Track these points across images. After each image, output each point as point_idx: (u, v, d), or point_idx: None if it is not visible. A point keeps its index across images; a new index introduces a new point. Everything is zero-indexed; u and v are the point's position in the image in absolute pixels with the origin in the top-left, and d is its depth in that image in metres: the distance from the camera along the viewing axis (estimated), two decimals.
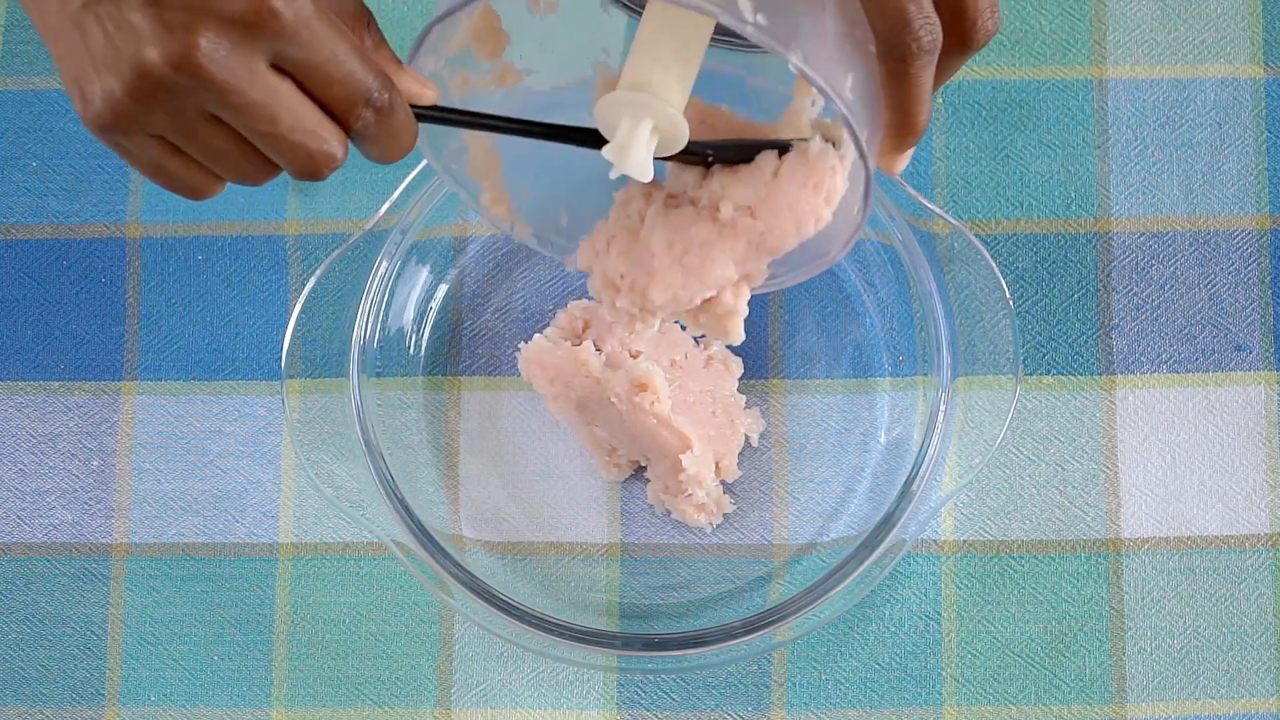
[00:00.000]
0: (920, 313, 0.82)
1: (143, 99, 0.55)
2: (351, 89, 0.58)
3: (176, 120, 0.57)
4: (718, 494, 0.82)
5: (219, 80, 0.55)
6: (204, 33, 0.54)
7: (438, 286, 0.87)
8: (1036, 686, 0.83)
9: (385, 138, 0.61)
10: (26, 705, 0.84)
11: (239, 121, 0.57)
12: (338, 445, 0.81)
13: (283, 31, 0.55)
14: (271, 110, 0.57)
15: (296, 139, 0.58)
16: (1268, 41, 0.88)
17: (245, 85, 0.55)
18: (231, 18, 0.54)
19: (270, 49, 0.55)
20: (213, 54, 0.54)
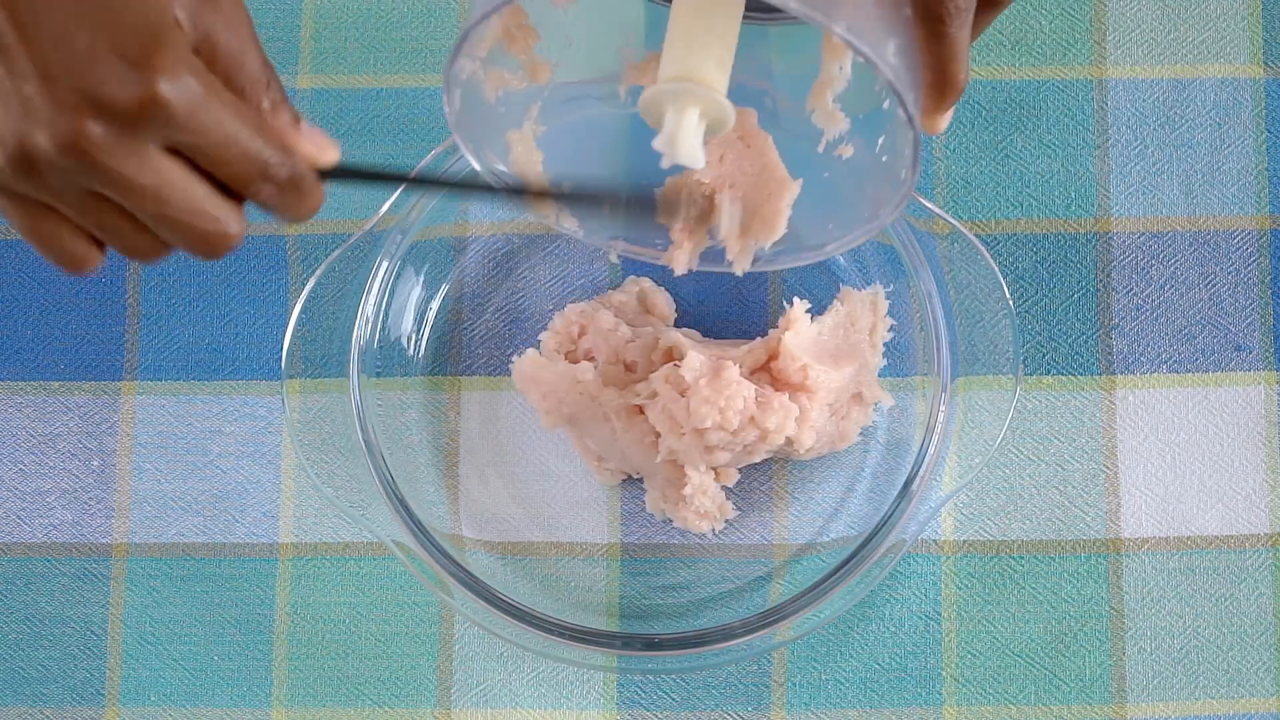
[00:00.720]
0: (920, 313, 0.82)
1: (26, 172, 0.55)
2: (247, 166, 0.58)
3: (62, 195, 0.56)
4: (720, 499, 0.82)
5: (106, 166, 0.54)
6: (92, 118, 0.53)
7: (438, 287, 0.87)
8: (1036, 686, 0.83)
9: (290, 204, 0.61)
10: (26, 705, 0.84)
11: (128, 202, 0.57)
12: (338, 445, 0.81)
13: (171, 119, 0.55)
14: (161, 193, 0.56)
15: (187, 220, 0.57)
16: (1268, 41, 0.88)
17: (134, 171, 0.55)
18: (119, 105, 0.54)
19: (160, 135, 0.55)
20: (100, 140, 0.54)
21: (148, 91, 0.54)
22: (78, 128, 0.54)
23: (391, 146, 0.88)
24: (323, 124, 0.89)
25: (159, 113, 0.54)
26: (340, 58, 0.89)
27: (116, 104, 0.54)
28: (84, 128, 0.54)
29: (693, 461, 0.81)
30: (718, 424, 0.78)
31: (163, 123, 0.55)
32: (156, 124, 0.55)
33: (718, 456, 0.81)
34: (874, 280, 0.84)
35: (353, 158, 0.88)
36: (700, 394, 0.78)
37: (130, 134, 0.54)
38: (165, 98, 0.54)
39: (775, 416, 0.79)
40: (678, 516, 0.83)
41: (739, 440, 0.80)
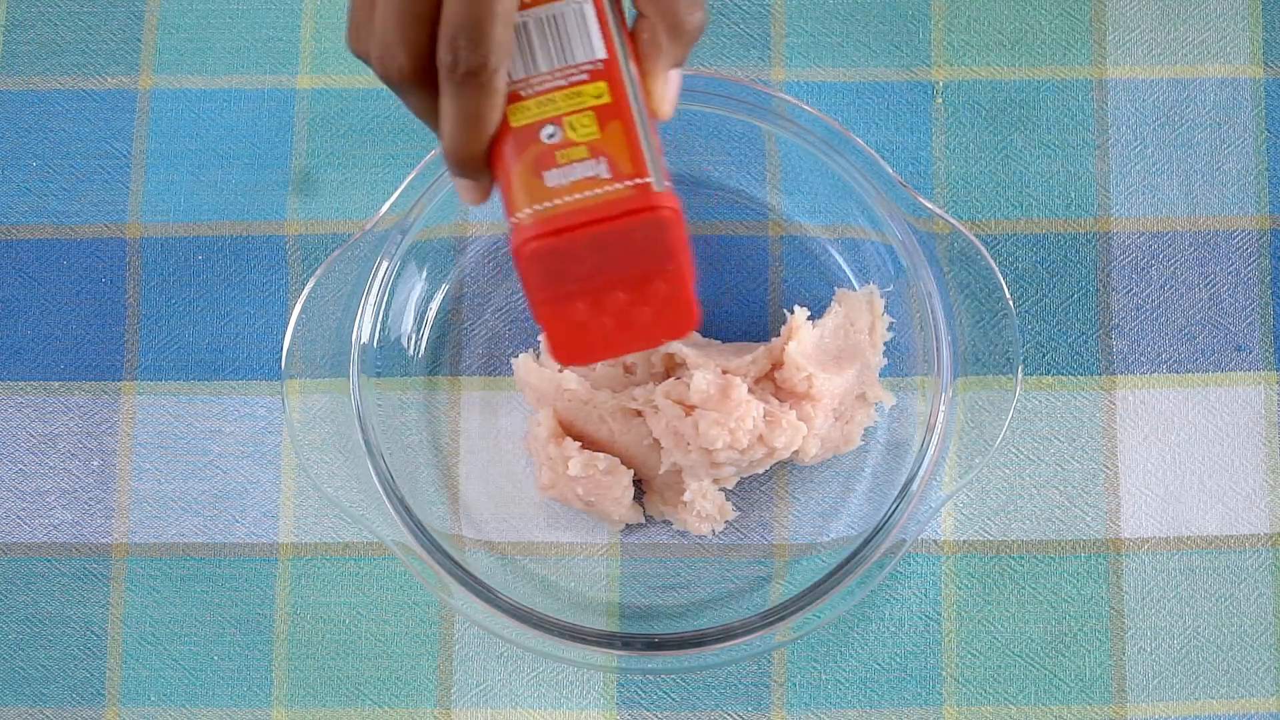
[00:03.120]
0: (920, 313, 0.82)
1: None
2: (464, 10, 0.57)
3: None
4: (720, 501, 0.82)
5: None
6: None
7: (438, 287, 0.87)
8: (1036, 686, 0.83)
9: (455, 104, 0.60)
10: (26, 705, 0.84)
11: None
12: (338, 445, 0.81)
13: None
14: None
15: (379, 27, 0.59)
16: (1268, 41, 0.88)
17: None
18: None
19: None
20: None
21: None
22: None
23: (391, 146, 0.88)
24: (322, 124, 0.89)
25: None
26: (340, 58, 0.89)
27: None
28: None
29: (698, 476, 0.81)
30: (727, 444, 0.78)
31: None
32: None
33: (724, 471, 0.81)
34: (872, 280, 0.84)
35: (353, 157, 0.89)
36: (709, 416, 0.78)
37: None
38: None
39: (784, 435, 0.79)
40: (678, 518, 0.83)
41: (746, 457, 0.80)
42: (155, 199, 0.88)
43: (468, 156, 0.61)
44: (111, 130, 0.89)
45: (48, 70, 0.90)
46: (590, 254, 0.61)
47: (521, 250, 0.61)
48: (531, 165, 0.61)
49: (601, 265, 0.62)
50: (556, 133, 0.61)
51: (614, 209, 0.60)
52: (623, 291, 0.63)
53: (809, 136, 0.82)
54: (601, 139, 0.61)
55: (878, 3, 0.89)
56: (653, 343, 0.65)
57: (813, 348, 0.81)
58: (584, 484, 0.80)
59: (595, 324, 0.64)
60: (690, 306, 0.64)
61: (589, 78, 0.62)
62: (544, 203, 0.60)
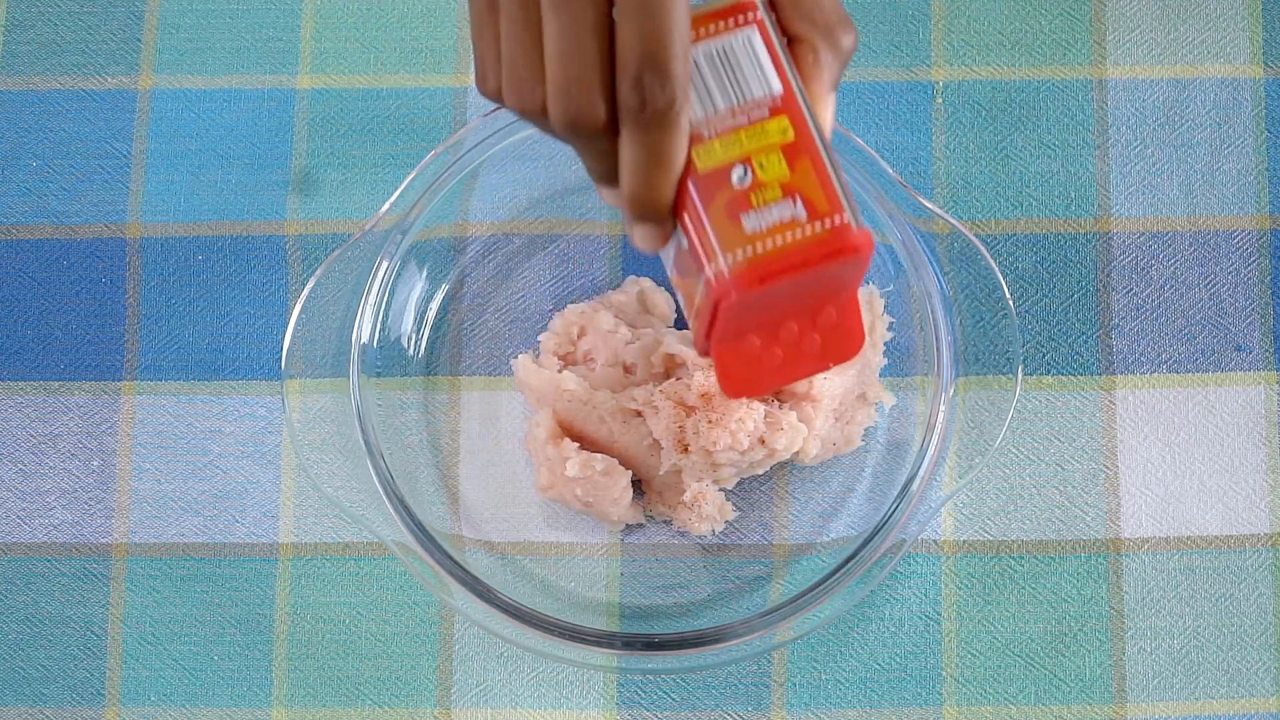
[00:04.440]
0: (920, 313, 0.82)
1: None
2: (644, 47, 0.55)
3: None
4: (720, 501, 0.82)
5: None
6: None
7: (438, 287, 0.87)
8: (1036, 686, 0.83)
9: (640, 147, 0.57)
10: (26, 705, 0.84)
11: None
12: (338, 445, 0.81)
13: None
14: (567, 22, 0.55)
15: (556, 65, 0.56)
16: (1268, 41, 0.88)
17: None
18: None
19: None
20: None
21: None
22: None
23: (391, 146, 0.88)
24: (322, 124, 0.89)
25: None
26: (340, 58, 0.89)
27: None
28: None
29: (698, 476, 0.81)
30: (728, 445, 0.79)
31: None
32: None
33: (724, 472, 0.81)
34: (872, 281, 0.84)
35: (353, 157, 0.89)
36: (710, 416, 0.78)
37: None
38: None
39: (784, 436, 0.79)
40: (677, 518, 0.83)
41: (746, 458, 0.80)
42: (155, 199, 0.88)
43: (655, 199, 0.59)
44: (111, 130, 0.89)
45: (48, 70, 0.90)
46: (789, 293, 0.60)
47: (722, 302, 0.59)
48: (726, 210, 0.59)
49: (792, 301, 0.61)
50: (747, 174, 0.60)
51: (817, 252, 0.59)
52: (795, 321, 0.63)
53: None
54: (794, 178, 0.59)
55: (878, 3, 0.89)
56: (819, 368, 0.65)
57: None
58: (582, 485, 0.80)
59: (766, 355, 0.63)
60: (859, 329, 0.64)
61: (769, 114, 0.60)
62: (745, 249, 0.59)
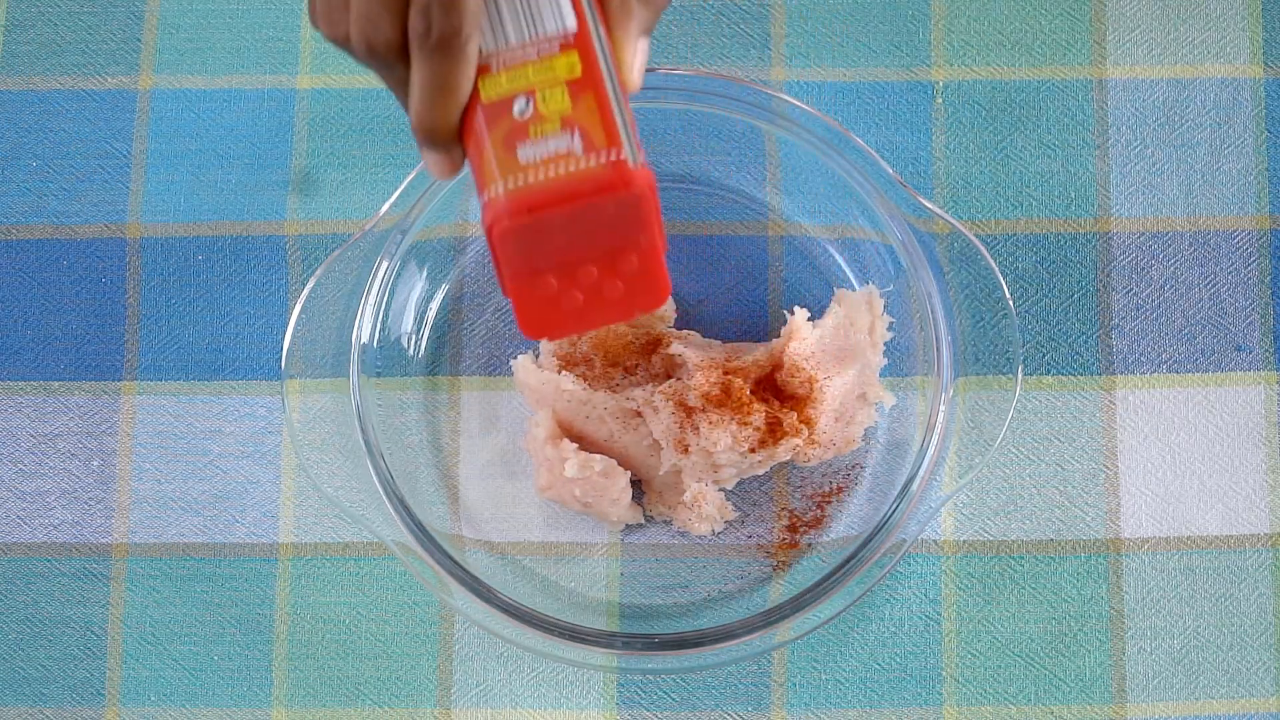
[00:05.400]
0: (920, 313, 0.82)
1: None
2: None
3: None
4: (720, 501, 0.82)
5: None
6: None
7: (438, 286, 0.87)
8: (1036, 686, 0.83)
9: (426, 72, 0.59)
10: (26, 705, 0.84)
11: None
12: (338, 445, 0.81)
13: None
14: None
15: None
16: (1268, 41, 0.88)
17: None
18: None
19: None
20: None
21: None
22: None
23: (391, 147, 0.88)
24: (322, 124, 0.89)
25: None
26: (340, 58, 0.89)
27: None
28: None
29: (698, 477, 0.81)
30: (728, 446, 0.79)
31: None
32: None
33: (724, 473, 0.81)
34: (872, 280, 0.84)
35: (353, 157, 0.89)
36: (710, 417, 0.78)
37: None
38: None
39: (785, 437, 0.79)
40: (677, 518, 0.83)
41: (747, 460, 0.80)
42: (155, 199, 0.88)
43: (438, 127, 0.61)
44: (111, 130, 0.89)
45: (48, 70, 0.90)
46: (564, 231, 0.61)
47: (494, 229, 0.60)
48: (503, 140, 0.60)
49: (574, 241, 0.61)
50: (528, 106, 0.61)
51: (589, 185, 0.60)
52: (594, 265, 0.63)
53: (809, 136, 0.82)
54: (574, 113, 0.60)
55: (878, 3, 0.89)
56: (623, 316, 0.64)
57: (813, 348, 0.81)
58: (581, 485, 0.80)
59: (566, 298, 0.63)
60: (661, 279, 0.63)
61: (560, 49, 0.61)
62: (517, 178, 0.60)
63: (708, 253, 0.86)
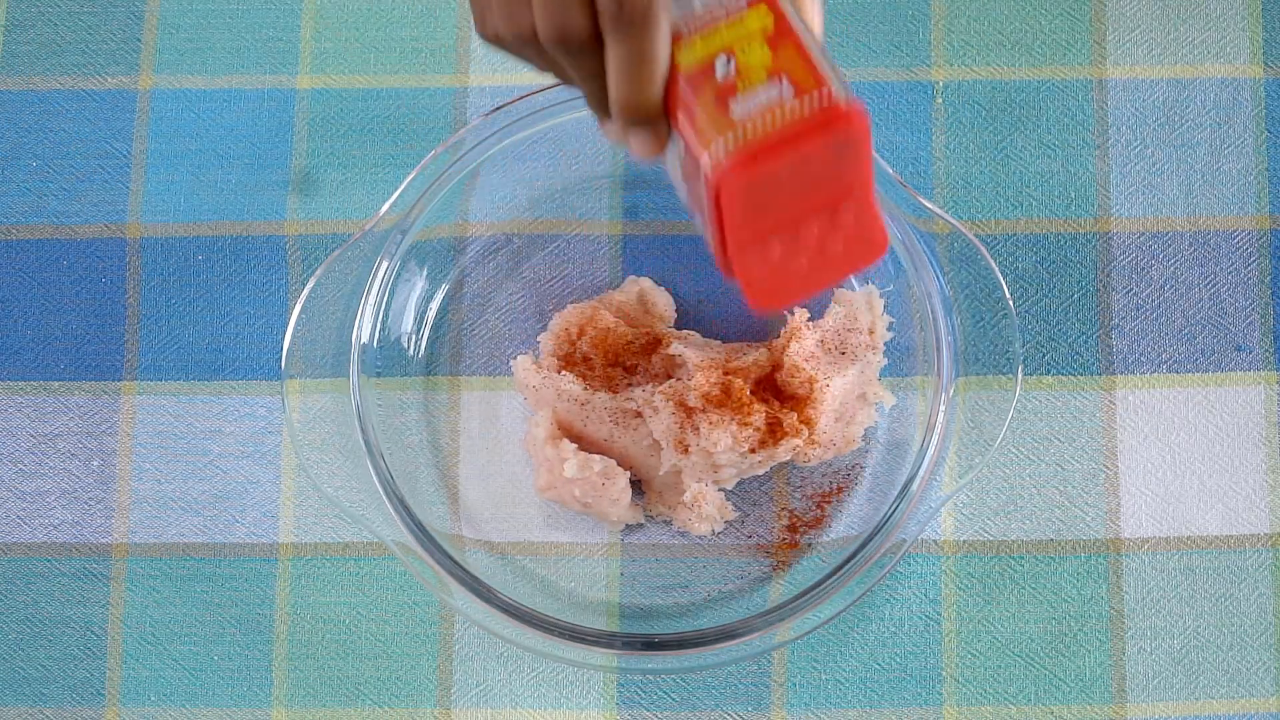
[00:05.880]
0: (920, 313, 0.82)
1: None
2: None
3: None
4: (720, 501, 0.82)
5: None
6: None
7: (438, 287, 0.87)
8: (1036, 686, 0.83)
9: (623, 50, 0.59)
10: (26, 705, 0.84)
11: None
12: (338, 445, 0.81)
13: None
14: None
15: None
16: (1268, 41, 0.88)
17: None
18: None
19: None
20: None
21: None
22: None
23: (391, 146, 0.88)
24: (322, 124, 0.89)
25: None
26: (340, 58, 0.89)
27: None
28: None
29: (698, 477, 0.81)
30: (729, 446, 0.79)
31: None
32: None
33: (724, 473, 0.81)
34: (872, 281, 0.84)
35: (353, 157, 0.89)
36: (711, 418, 0.78)
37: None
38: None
39: (785, 437, 0.79)
40: (677, 518, 0.83)
41: (747, 460, 0.80)
42: (155, 199, 0.88)
43: (644, 101, 0.60)
44: (111, 130, 0.89)
45: (48, 70, 0.90)
46: (789, 180, 0.60)
47: (726, 184, 0.59)
48: (713, 100, 0.60)
49: (798, 192, 0.60)
50: (730, 65, 0.60)
51: (807, 126, 0.59)
52: (815, 223, 0.62)
53: None
54: (777, 62, 0.60)
55: (878, 3, 0.89)
56: (844, 273, 0.64)
57: (813, 349, 0.81)
58: (580, 485, 0.80)
59: (790, 263, 0.63)
60: (880, 229, 0.63)
61: (747, 5, 0.61)
62: (735, 132, 0.59)
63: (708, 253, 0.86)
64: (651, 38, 0.59)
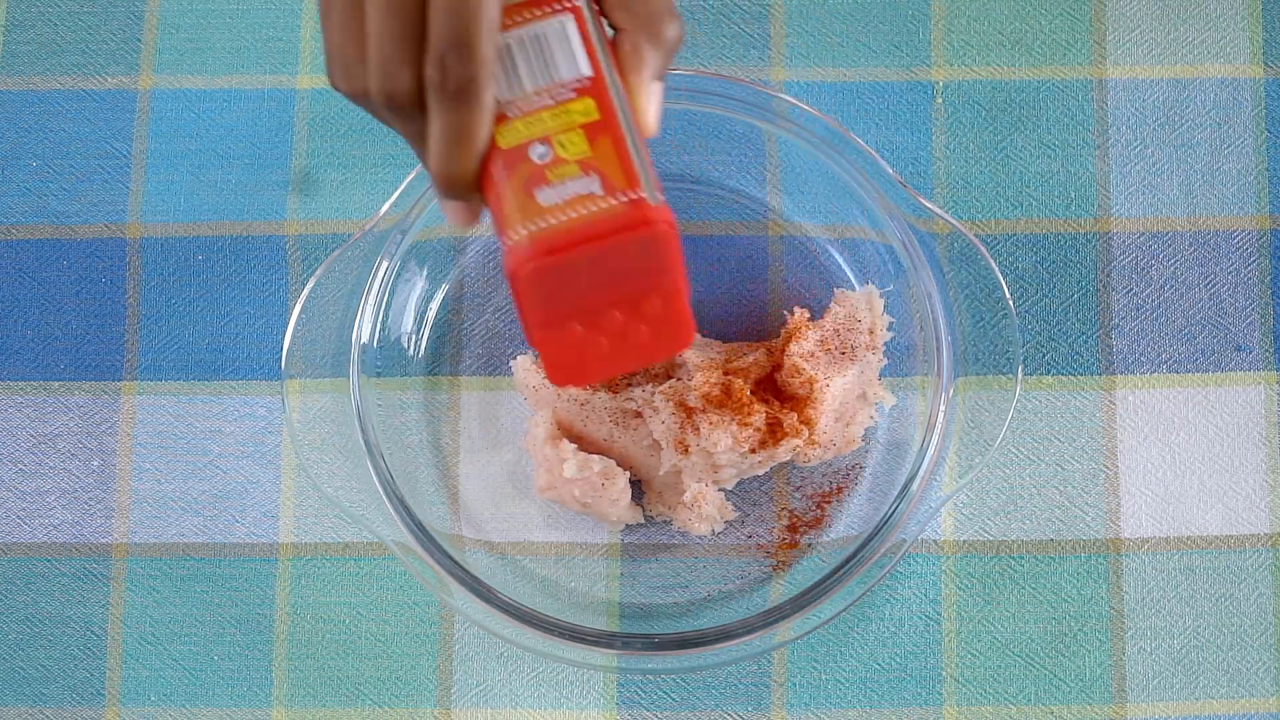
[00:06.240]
0: (920, 313, 0.82)
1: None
2: (449, 25, 0.58)
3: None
4: (720, 501, 0.82)
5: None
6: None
7: (438, 287, 0.87)
8: (1036, 686, 0.83)
9: (443, 121, 0.59)
10: (26, 705, 0.84)
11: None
12: (338, 445, 0.81)
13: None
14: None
15: (372, 43, 0.59)
16: (1268, 41, 0.88)
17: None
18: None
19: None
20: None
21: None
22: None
23: (391, 147, 0.88)
24: (322, 124, 0.89)
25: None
26: None
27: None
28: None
29: (698, 477, 0.81)
30: (729, 446, 0.79)
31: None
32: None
33: (724, 473, 0.81)
34: (872, 280, 0.84)
35: (353, 157, 0.89)
36: (711, 418, 0.78)
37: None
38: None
39: (786, 438, 0.79)
40: (677, 518, 0.83)
41: (747, 461, 0.80)
42: (155, 199, 0.88)
43: (458, 175, 0.60)
44: (111, 130, 0.89)
45: (48, 70, 0.90)
46: (587, 273, 0.60)
47: (519, 273, 0.60)
48: (523, 185, 0.60)
49: (597, 284, 0.61)
50: (547, 152, 0.60)
51: (610, 225, 0.60)
52: (618, 310, 0.62)
53: (809, 136, 0.82)
54: (593, 155, 0.60)
55: (878, 3, 0.89)
56: (649, 360, 0.64)
57: (813, 349, 0.81)
58: (580, 486, 0.80)
59: (591, 344, 0.63)
60: (686, 322, 0.63)
61: (576, 95, 0.61)
62: (538, 221, 0.60)
63: (708, 253, 0.86)
64: (472, 114, 0.59)
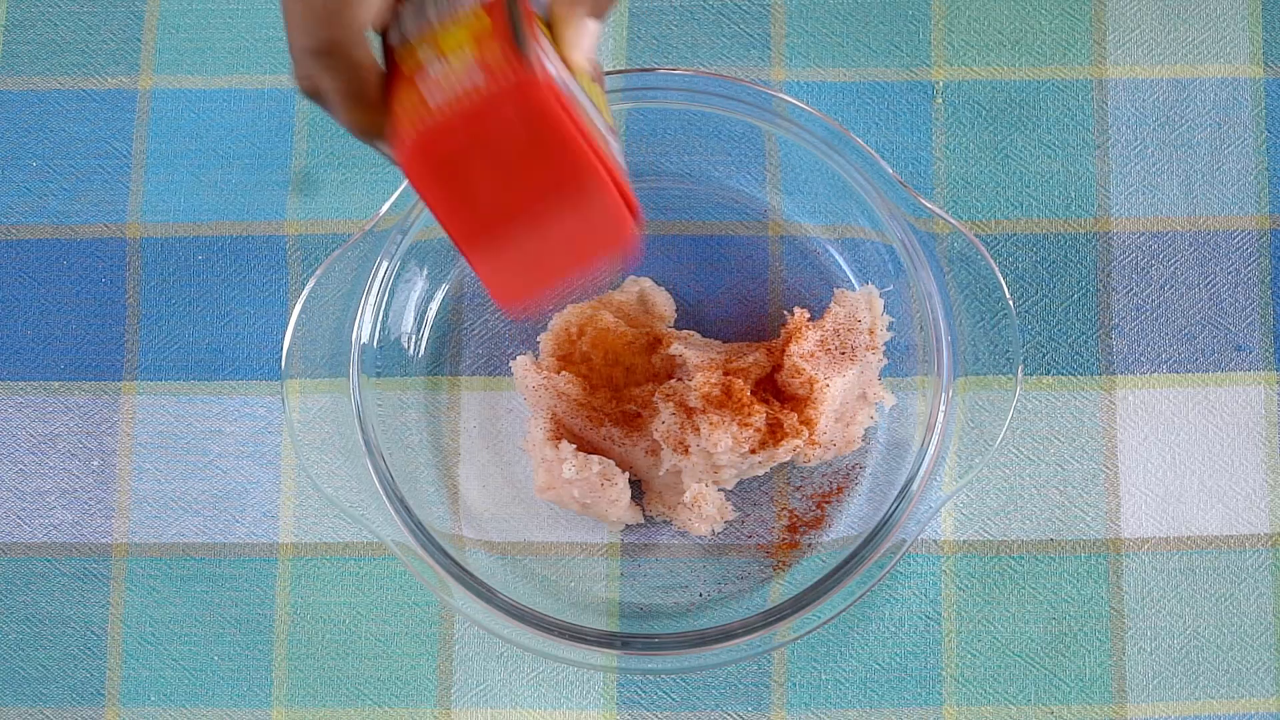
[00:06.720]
0: (920, 313, 0.82)
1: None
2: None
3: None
4: (719, 501, 0.82)
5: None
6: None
7: (438, 286, 0.87)
8: (1036, 686, 0.83)
9: (328, 84, 0.61)
10: (26, 705, 0.84)
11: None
12: (338, 445, 0.81)
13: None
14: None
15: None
16: (1268, 41, 0.88)
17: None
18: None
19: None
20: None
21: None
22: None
23: None
24: (323, 124, 0.89)
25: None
26: None
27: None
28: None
29: (698, 477, 0.81)
30: (729, 447, 0.79)
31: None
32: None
33: (724, 473, 0.81)
34: (872, 280, 0.84)
35: (353, 157, 0.89)
36: (711, 418, 0.78)
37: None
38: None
39: (786, 438, 0.79)
40: (677, 519, 0.83)
41: (747, 461, 0.80)
42: (155, 199, 0.88)
43: (358, 125, 0.62)
44: (111, 130, 0.89)
45: (48, 70, 0.90)
46: (481, 157, 0.57)
47: (409, 166, 0.58)
48: (419, 98, 0.59)
49: (500, 171, 0.58)
50: (441, 66, 0.59)
51: (488, 97, 0.57)
52: (540, 204, 0.59)
53: (809, 136, 0.82)
54: (479, 54, 0.58)
55: (878, 3, 0.89)
56: (595, 256, 0.60)
57: (813, 349, 0.81)
58: (579, 486, 0.80)
59: (528, 251, 0.59)
60: (618, 207, 0.59)
61: (472, 15, 0.60)
62: (427, 116, 0.58)
63: (708, 253, 0.86)
64: (347, 70, 0.60)
